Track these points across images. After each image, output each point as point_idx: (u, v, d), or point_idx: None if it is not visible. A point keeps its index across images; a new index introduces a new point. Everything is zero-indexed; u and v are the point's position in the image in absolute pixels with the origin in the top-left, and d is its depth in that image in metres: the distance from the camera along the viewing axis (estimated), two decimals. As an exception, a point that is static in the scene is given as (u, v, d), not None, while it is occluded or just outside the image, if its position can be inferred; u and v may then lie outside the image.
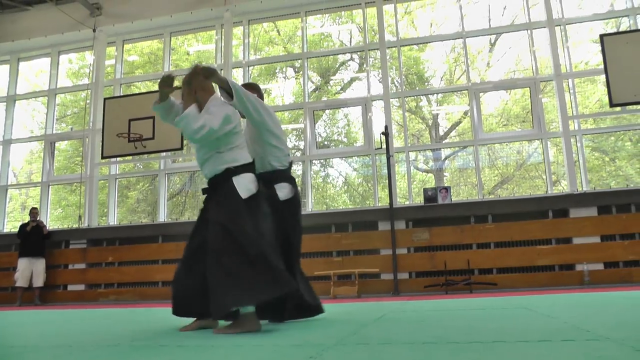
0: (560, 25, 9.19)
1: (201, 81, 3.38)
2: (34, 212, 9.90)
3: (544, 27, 9.20)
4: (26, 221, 9.90)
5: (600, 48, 8.42)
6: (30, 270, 9.51)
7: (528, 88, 9.24)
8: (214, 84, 3.48)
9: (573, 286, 7.74)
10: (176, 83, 3.51)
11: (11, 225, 11.19)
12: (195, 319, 3.47)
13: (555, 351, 1.89)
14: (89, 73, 11.21)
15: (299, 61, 10.56)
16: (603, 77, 8.50)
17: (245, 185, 3.22)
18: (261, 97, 3.87)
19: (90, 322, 4.54)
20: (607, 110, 8.94)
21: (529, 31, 9.42)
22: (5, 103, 11.58)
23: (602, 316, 3.19)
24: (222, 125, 3.21)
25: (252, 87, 3.83)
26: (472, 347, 2.07)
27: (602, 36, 8.43)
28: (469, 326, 2.88)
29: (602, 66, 8.42)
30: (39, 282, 9.53)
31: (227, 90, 3.35)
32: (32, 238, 9.64)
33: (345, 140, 11.45)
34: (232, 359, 2.02)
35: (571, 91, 9.06)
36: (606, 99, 8.50)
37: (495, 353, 1.89)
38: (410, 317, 3.75)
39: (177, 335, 3.04)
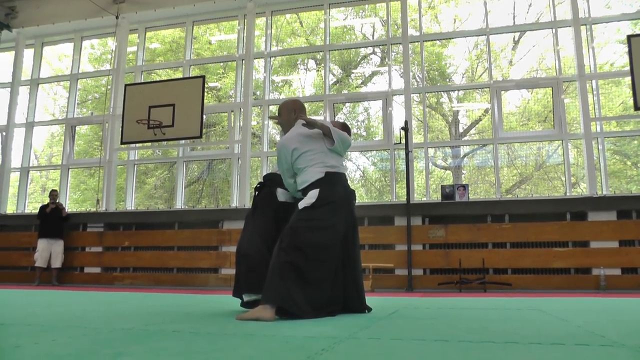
0: (586, 25, 9.05)
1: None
2: (53, 194, 10.04)
3: (569, 26, 9.07)
4: (46, 203, 10.05)
5: (627, 49, 8.27)
6: (49, 251, 9.67)
7: (550, 88, 9.12)
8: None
9: (589, 290, 7.66)
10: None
11: (32, 207, 11.37)
12: None
13: (568, 355, 1.87)
14: (111, 59, 11.30)
15: (321, 53, 10.54)
16: (628, 79, 8.36)
17: (305, 201, 3.54)
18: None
19: (105, 304, 4.60)
20: (631, 114, 8.80)
21: (553, 30, 9.29)
22: (29, 86, 11.75)
23: (618, 322, 3.15)
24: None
25: (346, 129, 4.21)
26: (484, 346, 2.06)
27: (629, 37, 8.27)
28: (481, 326, 2.87)
29: (627, 68, 8.27)
30: (57, 263, 9.69)
31: (329, 136, 3.68)
32: (52, 220, 9.79)
33: (364, 134, 11.43)
34: (243, 347, 2.04)
35: (594, 92, 8.93)
36: (631, 102, 8.36)
37: (507, 354, 1.88)
38: (423, 314, 3.74)
39: (190, 321, 3.07)
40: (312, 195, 3.51)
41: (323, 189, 3.51)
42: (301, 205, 3.52)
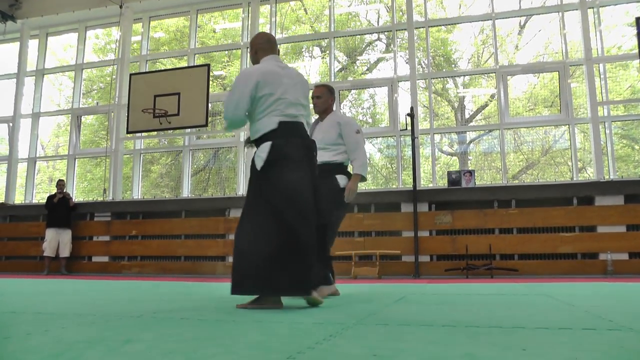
0: (593, 8, 8.96)
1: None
2: (60, 184, 10.09)
3: (576, 10, 8.97)
4: (53, 193, 10.10)
5: (635, 32, 8.19)
6: (57, 241, 9.74)
7: (557, 72, 9.05)
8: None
9: (596, 275, 7.66)
10: None
11: (39, 197, 11.44)
12: None
13: (575, 339, 1.87)
14: (115, 49, 11.29)
15: (326, 40, 10.49)
16: (637, 62, 8.29)
17: (258, 159, 3.15)
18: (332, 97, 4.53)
19: (113, 293, 4.63)
20: (639, 97, 8.72)
21: (560, 13, 9.20)
22: (34, 77, 11.76)
23: (625, 306, 3.15)
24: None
25: (331, 91, 4.48)
26: (491, 331, 2.07)
27: (638, 19, 8.18)
28: (488, 311, 2.87)
29: (636, 51, 8.20)
30: (65, 252, 9.76)
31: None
32: (59, 209, 9.85)
33: (370, 121, 11.39)
34: (252, 333, 2.05)
35: (602, 76, 8.85)
36: (639, 85, 8.30)
37: (515, 339, 1.88)
38: (430, 300, 3.75)
39: (198, 308, 3.09)
40: (263, 149, 3.11)
41: (275, 142, 3.10)
42: (257, 164, 3.13)
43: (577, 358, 1.50)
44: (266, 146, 3.10)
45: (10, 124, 11.46)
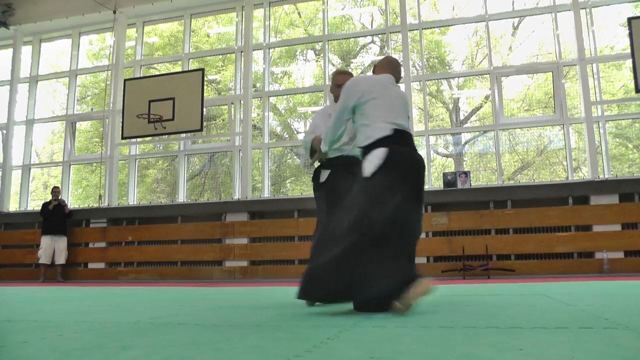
0: (585, 8, 9.00)
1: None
2: (55, 191, 10.06)
3: (569, 10, 9.01)
4: (48, 200, 10.07)
5: (627, 32, 8.23)
6: (52, 248, 9.70)
7: (551, 72, 9.08)
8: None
9: (592, 274, 7.67)
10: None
11: (34, 204, 11.40)
12: None
13: (572, 338, 1.88)
14: (109, 54, 11.27)
15: (320, 44, 10.51)
16: (629, 62, 8.32)
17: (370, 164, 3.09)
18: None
19: (110, 299, 4.62)
20: (632, 97, 8.77)
21: (553, 14, 9.24)
22: (28, 84, 11.73)
23: (622, 305, 3.16)
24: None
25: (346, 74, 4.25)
26: (489, 332, 2.07)
27: (630, 19, 8.22)
28: (485, 312, 2.88)
29: (628, 50, 8.23)
30: (61, 259, 9.72)
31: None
32: (54, 216, 9.82)
33: (364, 123, 11.39)
34: (249, 338, 2.05)
35: (595, 76, 8.89)
36: (631, 85, 8.34)
37: (512, 339, 1.89)
38: (427, 301, 3.74)
39: (196, 313, 3.08)
40: (378, 155, 3.03)
41: (391, 149, 3.04)
42: (367, 171, 3.05)
43: (574, 357, 1.51)
44: (381, 152, 3.03)
45: (4, 131, 11.42)
